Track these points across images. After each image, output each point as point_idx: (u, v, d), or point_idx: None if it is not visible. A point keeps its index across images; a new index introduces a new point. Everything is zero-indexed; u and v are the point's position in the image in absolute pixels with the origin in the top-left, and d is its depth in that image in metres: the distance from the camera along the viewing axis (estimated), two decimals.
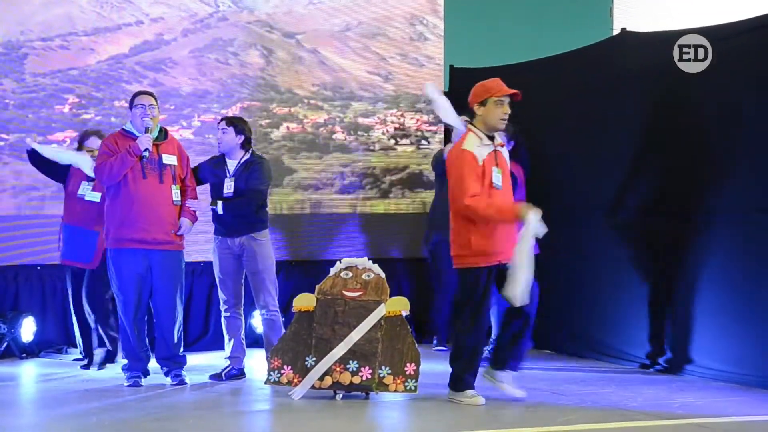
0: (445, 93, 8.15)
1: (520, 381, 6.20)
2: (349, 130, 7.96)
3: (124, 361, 6.16)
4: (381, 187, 8.01)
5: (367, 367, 5.54)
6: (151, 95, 6.08)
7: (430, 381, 5.92)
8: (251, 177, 6.19)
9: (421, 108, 8.08)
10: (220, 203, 6.15)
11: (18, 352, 7.01)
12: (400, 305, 5.72)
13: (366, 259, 5.95)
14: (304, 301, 5.77)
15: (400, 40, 8.10)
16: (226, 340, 6.27)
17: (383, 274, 5.84)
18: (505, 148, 5.68)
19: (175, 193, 6.00)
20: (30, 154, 6.48)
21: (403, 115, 8.02)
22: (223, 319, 6.30)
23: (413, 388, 5.51)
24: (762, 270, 5.93)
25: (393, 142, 8.06)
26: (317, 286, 5.81)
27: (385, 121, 8.05)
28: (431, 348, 7.26)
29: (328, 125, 7.89)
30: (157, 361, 6.09)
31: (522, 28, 8.95)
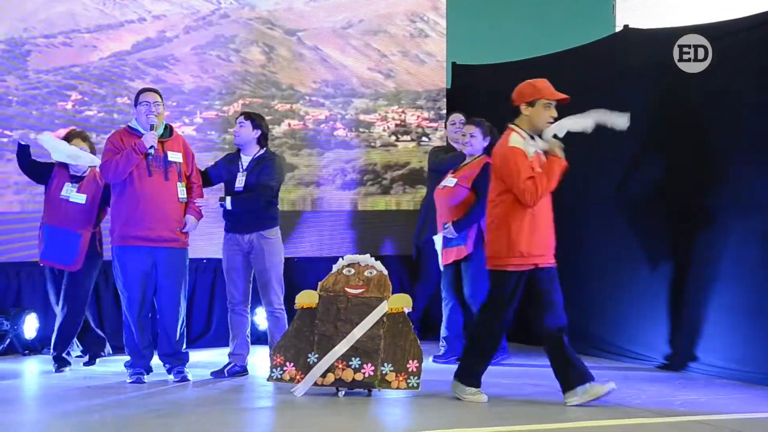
0: (448, 90, 8.19)
1: (519, 377, 6.23)
2: (350, 126, 7.97)
3: (126, 357, 6.17)
4: (382, 184, 8.02)
5: (369, 364, 5.54)
6: (156, 92, 6.07)
7: (433, 378, 5.93)
8: (262, 172, 6.19)
9: (421, 105, 8.08)
10: (229, 199, 6.13)
11: (21, 349, 7.02)
12: (403, 302, 5.72)
13: (368, 256, 5.95)
14: (307, 298, 5.77)
15: (401, 37, 8.11)
16: (231, 337, 6.27)
17: (386, 271, 5.84)
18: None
19: (181, 191, 6.00)
20: (20, 151, 6.34)
21: (404, 112, 8.02)
22: (229, 315, 6.30)
23: (415, 385, 5.52)
24: (764, 267, 5.94)
25: (394, 139, 8.07)
26: (319, 283, 5.82)
27: (386, 118, 8.06)
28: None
29: (329, 122, 7.90)
30: (160, 358, 6.10)
31: (524, 25, 8.96)
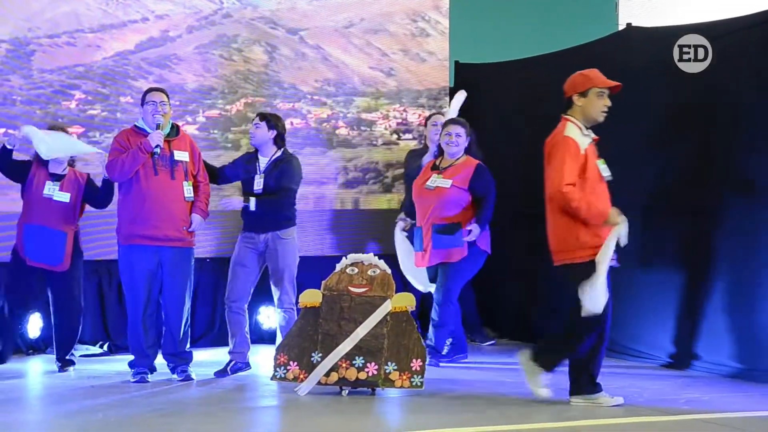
0: (451, 89, 8.19)
1: (523, 376, 6.22)
2: (352, 125, 7.97)
3: (130, 356, 6.17)
4: (384, 182, 8.02)
5: (373, 362, 5.55)
6: (163, 92, 6.08)
7: (436, 377, 5.94)
8: (283, 175, 6.22)
9: (423, 103, 8.09)
10: (253, 200, 6.15)
11: (25, 349, 7.02)
12: (406, 301, 5.72)
13: (372, 255, 5.96)
14: (310, 297, 5.78)
15: (402, 36, 8.12)
16: (230, 335, 6.27)
17: (389, 270, 5.84)
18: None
19: (187, 190, 6.01)
20: (3, 153, 6.22)
21: (405, 110, 8.03)
22: (227, 313, 6.28)
23: (419, 384, 5.51)
24: (766, 265, 5.94)
25: (395, 137, 8.08)
26: (323, 282, 5.82)
27: (387, 117, 8.07)
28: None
29: (331, 120, 7.91)
30: (164, 357, 6.11)
31: (528, 24, 8.97)
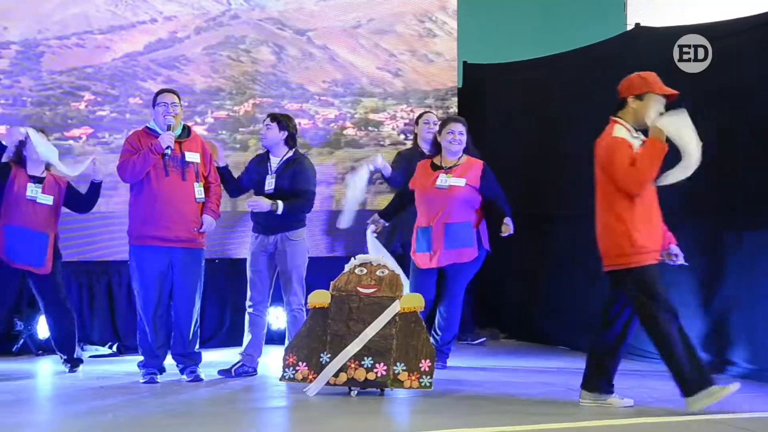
0: (459, 89, 8.19)
1: (531, 376, 6.23)
2: (360, 125, 7.98)
3: (139, 357, 6.19)
4: None
5: (381, 363, 5.55)
6: (174, 93, 6.10)
7: (444, 378, 5.94)
8: (299, 178, 6.22)
9: (430, 104, 8.09)
10: (281, 204, 6.12)
11: (34, 349, 7.05)
12: (415, 302, 5.72)
13: (380, 255, 5.96)
14: (319, 298, 5.78)
15: (409, 36, 8.12)
16: (245, 335, 6.27)
17: (398, 271, 5.84)
18: None
19: (198, 191, 6.02)
20: None
21: (412, 111, 8.03)
22: (246, 314, 6.30)
23: (428, 385, 5.51)
24: None
25: (403, 138, 8.08)
26: (332, 283, 5.82)
27: (395, 117, 8.07)
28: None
29: (338, 121, 7.92)
30: (173, 358, 6.12)
31: (536, 24, 8.96)
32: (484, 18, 8.78)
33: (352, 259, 5.92)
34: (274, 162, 6.30)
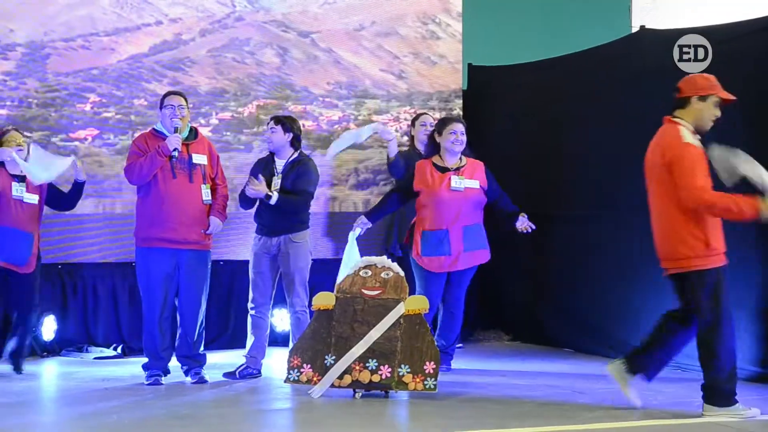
0: (464, 91, 8.20)
1: (535, 379, 6.21)
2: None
3: (144, 359, 6.19)
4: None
5: (386, 365, 5.55)
6: (181, 95, 6.11)
7: (449, 380, 5.94)
8: (300, 178, 6.23)
9: (433, 105, 8.10)
10: (276, 193, 6.11)
11: (39, 351, 7.05)
12: (419, 304, 5.72)
13: (385, 257, 5.96)
14: (324, 300, 5.78)
15: (412, 39, 8.13)
16: (248, 337, 6.28)
17: (402, 273, 5.84)
18: None
19: (205, 193, 6.02)
20: None
21: (415, 113, 8.03)
22: (249, 316, 6.31)
23: (433, 387, 5.51)
24: None
25: (406, 139, 8.08)
26: (336, 285, 5.83)
27: (398, 119, 8.08)
28: None
29: (342, 123, 7.92)
30: (178, 359, 6.12)
31: (541, 26, 8.96)
32: (489, 20, 8.78)
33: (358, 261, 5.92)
34: (280, 164, 6.32)
